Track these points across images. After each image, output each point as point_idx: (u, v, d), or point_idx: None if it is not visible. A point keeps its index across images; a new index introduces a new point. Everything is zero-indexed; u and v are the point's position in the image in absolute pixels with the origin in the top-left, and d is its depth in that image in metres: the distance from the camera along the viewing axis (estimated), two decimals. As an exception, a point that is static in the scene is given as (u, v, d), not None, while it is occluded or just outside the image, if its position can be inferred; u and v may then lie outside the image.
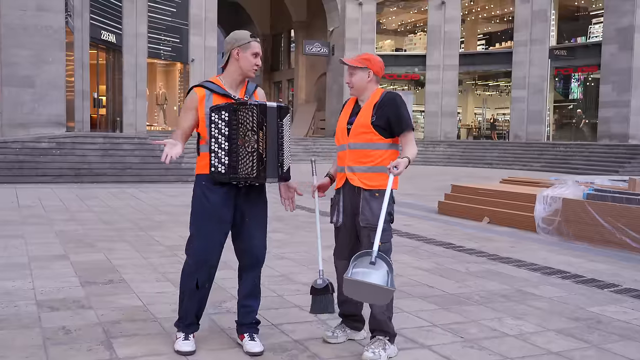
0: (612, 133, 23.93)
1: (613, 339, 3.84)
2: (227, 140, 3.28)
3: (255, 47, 3.38)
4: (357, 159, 3.50)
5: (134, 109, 23.63)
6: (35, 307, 4.15)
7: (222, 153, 3.29)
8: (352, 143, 3.52)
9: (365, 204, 3.46)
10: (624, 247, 6.91)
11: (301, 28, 36.49)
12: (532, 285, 5.20)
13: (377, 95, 3.56)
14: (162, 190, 12.60)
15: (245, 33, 3.43)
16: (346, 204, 3.57)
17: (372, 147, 3.48)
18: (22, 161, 14.19)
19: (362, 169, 3.49)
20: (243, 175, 3.28)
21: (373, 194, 3.45)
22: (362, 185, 3.47)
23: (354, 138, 3.51)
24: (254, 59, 3.38)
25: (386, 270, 3.15)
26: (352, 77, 3.59)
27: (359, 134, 3.49)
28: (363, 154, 3.48)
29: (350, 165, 3.52)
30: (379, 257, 3.19)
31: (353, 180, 3.50)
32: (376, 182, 3.46)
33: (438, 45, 29.61)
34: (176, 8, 25.91)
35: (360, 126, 3.49)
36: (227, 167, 3.28)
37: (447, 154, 27.45)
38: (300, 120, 34.10)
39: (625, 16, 23.31)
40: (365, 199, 3.47)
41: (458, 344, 3.68)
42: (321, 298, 3.50)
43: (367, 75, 3.55)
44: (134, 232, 7.44)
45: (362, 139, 3.48)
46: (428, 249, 6.78)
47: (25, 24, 15.59)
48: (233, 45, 3.37)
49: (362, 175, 3.48)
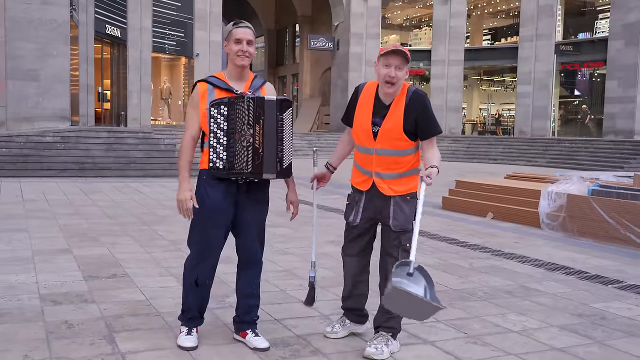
0: (618, 129, 23.84)
1: (617, 335, 3.82)
2: (226, 135, 3.22)
3: (237, 33, 3.27)
4: (386, 165, 3.34)
5: (139, 103, 23.65)
6: (39, 301, 4.16)
7: (220, 148, 3.22)
8: (381, 149, 3.32)
9: (397, 209, 3.34)
10: (629, 244, 6.88)
11: (306, 22, 36.43)
12: (536, 281, 5.18)
13: (402, 93, 3.31)
14: (166, 185, 12.61)
15: (230, 24, 3.35)
16: (368, 206, 3.43)
17: (403, 153, 3.32)
18: (27, 155, 14.21)
19: (392, 175, 3.35)
20: (238, 170, 3.19)
21: (404, 197, 3.35)
22: (393, 192, 3.35)
23: (383, 144, 3.31)
24: (237, 46, 3.26)
25: (424, 284, 2.93)
26: (400, 71, 3.23)
27: (389, 139, 3.29)
28: (393, 160, 3.32)
29: (379, 172, 3.36)
30: (418, 269, 2.97)
31: (383, 189, 3.35)
32: (406, 186, 3.36)
33: (443, 40, 29.53)
34: (181, 2, 25.92)
35: (391, 131, 3.28)
36: (225, 163, 3.22)
37: (452, 149, 27.40)
38: (305, 115, 34.10)
39: (632, 12, 23.18)
40: (396, 203, 3.35)
41: (461, 339, 3.67)
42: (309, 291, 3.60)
43: (406, 72, 3.29)
44: (138, 226, 7.45)
45: (393, 146, 3.29)
46: (432, 244, 6.76)
47: (30, 17, 15.59)
48: (224, 40, 3.35)
49: (392, 182, 3.35)
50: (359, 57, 29.74)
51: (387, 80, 3.24)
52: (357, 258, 3.56)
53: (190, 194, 3.25)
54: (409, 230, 3.36)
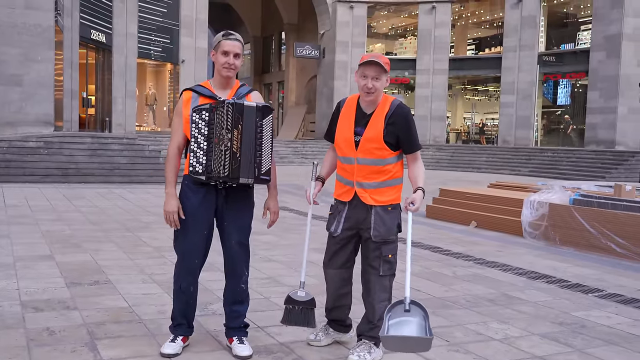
0: (599, 139, 24.14)
1: (596, 344, 3.87)
2: (206, 140, 3.24)
3: (224, 45, 3.29)
4: (367, 175, 3.35)
5: (123, 109, 23.52)
6: (20, 308, 4.12)
7: (200, 153, 3.24)
8: (362, 158, 3.34)
9: (378, 219, 3.34)
10: (609, 253, 6.97)
11: (292, 30, 36.52)
12: (518, 290, 5.23)
13: (385, 104, 3.33)
14: (150, 191, 12.54)
15: (220, 34, 3.36)
16: (350, 216, 3.43)
17: (383, 162, 3.33)
18: (9, 160, 14.07)
19: (373, 185, 3.36)
20: (215, 174, 3.21)
21: (386, 208, 3.35)
22: (374, 202, 3.35)
23: (363, 153, 3.32)
24: (224, 58, 3.28)
25: (422, 315, 3.02)
26: (377, 82, 3.26)
27: (369, 149, 3.30)
28: (374, 170, 3.34)
29: (360, 181, 3.38)
30: (413, 303, 3.05)
31: (365, 198, 3.36)
32: (388, 196, 3.36)
33: (428, 49, 29.75)
34: (167, 8, 25.85)
35: (371, 141, 3.29)
36: (204, 167, 3.23)
37: (436, 157, 27.55)
38: (290, 122, 34.13)
39: (613, 24, 23.53)
40: (377, 213, 3.35)
41: (443, 347, 3.69)
42: (305, 311, 3.46)
43: (387, 80, 3.31)
44: (121, 232, 7.40)
45: (374, 155, 3.31)
46: (415, 252, 6.79)
47: (13, 22, 15.47)
48: (212, 48, 3.37)
49: (373, 192, 3.36)
50: (344, 65, 29.86)
51: (365, 91, 3.29)
52: (339, 271, 3.54)
53: (177, 204, 3.28)
54: (390, 242, 3.38)
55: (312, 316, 3.49)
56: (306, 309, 3.47)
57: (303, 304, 3.47)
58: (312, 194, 3.55)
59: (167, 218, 3.29)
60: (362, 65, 3.30)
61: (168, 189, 3.31)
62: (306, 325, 3.50)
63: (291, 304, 3.48)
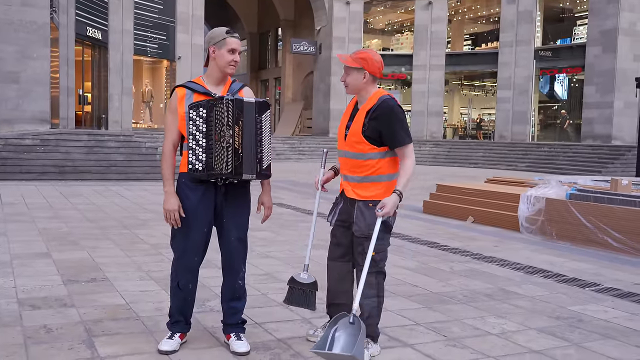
0: (596, 134, 24.18)
1: (593, 338, 3.88)
2: (205, 137, 3.22)
3: (231, 43, 3.30)
4: (350, 168, 3.41)
5: (120, 106, 23.47)
6: (17, 306, 4.12)
7: (199, 150, 3.23)
8: (346, 151, 3.41)
9: (359, 214, 3.37)
10: (606, 247, 6.98)
11: (288, 26, 36.46)
12: (515, 284, 5.24)
13: (373, 100, 3.36)
14: (147, 188, 12.53)
15: (221, 30, 3.35)
16: (343, 209, 3.50)
17: (364, 157, 3.34)
18: (5, 158, 14.03)
19: (355, 179, 3.39)
20: (217, 171, 3.19)
21: (367, 204, 3.36)
22: (356, 196, 3.38)
23: (348, 146, 3.39)
24: (231, 56, 3.30)
25: (360, 331, 2.92)
26: (347, 77, 3.40)
27: (352, 142, 3.36)
28: (356, 163, 3.37)
29: (345, 174, 3.45)
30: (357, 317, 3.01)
31: (348, 192, 3.42)
32: (370, 192, 3.36)
33: (425, 45, 29.75)
34: (163, 5, 25.78)
35: (353, 135, 3.36)
36: (204, 164, 3.22)
37: (433, 153, 27.58)
38: (287, 118, 34.10)
39: (609, 19, 23.56)
40: (359, 208, 3.37)
41: (440, 342, 3.70)
42: (306, 292, 3.53)
43: (363, 76, 3.35)
44: (118, 230, 7.40)
45: (355, 149, 3.35)
46: (412, 248, 6.80)
47: (10, 19, 15.42)
48: (209, 44, 3.34)
49: (355, 185, 3.39)
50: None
51: (343, 82, 3.45)
52: (337, 264, 3.57)
53: (177, 202, 3.27)
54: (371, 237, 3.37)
55: (313, 298, 3.54)
56: (307, 291, 3.54)
57: (305, 286, 3.53)
58: (320, 179, 3.62)
59: (168, 216, 3.28)
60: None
61: (167, 187, 3.31)
62: (306, 307, 3.56)
63: (293, 284, 3.56)
